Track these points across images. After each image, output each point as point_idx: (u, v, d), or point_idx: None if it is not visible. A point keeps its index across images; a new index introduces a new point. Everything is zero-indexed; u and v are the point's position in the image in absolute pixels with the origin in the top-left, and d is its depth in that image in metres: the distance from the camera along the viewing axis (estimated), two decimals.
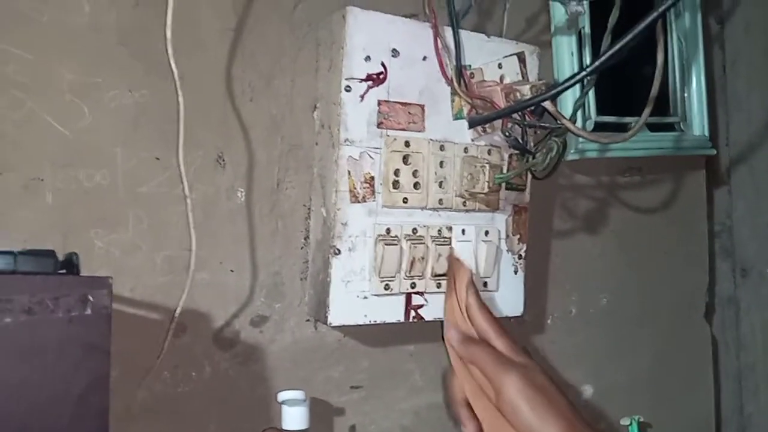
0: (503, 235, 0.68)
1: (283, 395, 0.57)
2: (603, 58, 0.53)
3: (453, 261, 0.61)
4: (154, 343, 0.57)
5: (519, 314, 0.70)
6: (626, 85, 0.91)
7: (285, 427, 0.56)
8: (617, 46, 0.54)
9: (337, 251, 0.59)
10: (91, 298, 0.42)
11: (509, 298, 0.69)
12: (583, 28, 0.78)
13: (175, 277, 0.57)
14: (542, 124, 0.60)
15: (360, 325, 0.60)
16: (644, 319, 0.88)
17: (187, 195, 0.54)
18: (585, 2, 0.72)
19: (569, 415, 0.47)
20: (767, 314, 0.94)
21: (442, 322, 0.57)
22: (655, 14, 0.52)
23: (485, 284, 0.67)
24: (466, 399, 0.53)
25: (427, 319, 0.63)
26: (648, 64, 0.68)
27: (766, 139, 0.95)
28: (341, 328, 0.65)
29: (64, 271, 0.43)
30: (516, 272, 0.69)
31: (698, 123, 0.87)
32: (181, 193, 0.56)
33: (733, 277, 0.97)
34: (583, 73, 0.55)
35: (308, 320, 0.64)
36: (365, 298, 0.60)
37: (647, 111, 0.62)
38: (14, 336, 0.39)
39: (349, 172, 0.59)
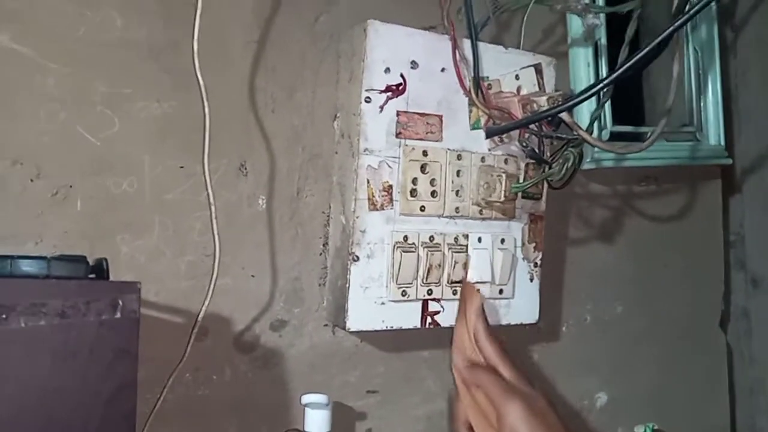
0: (519, 243, 0.69)
1: (306, 398, 0.58)
2: (620, 71, 0.54)
3: (465, 286, 0.62)
4: (178, 347, 0.58)
5: (534, 321, 0.70)
6: (642, 95, 0.91)
7: (308, 429, 0.58)
8: (634, 59, 0.55)
9: (355, 258, 0.60)
10: (121, 303, 0.43)
11: (525, 306, 0.70)
12: (600, 39, 0.78)
13: (198, 281, 0.59)
14: (558, 135, 0.61)
15: (377, 331, 0.61)
16: (659, 328, 0.88)
17: (212, 202, 0.55)
18: (602, 15, 0.73)
19: None
20: None
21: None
22: (672, 27, 0.53)
23: (501, 291, 0.68)
24: (468, 423, 0.55)
25: (443, 325, 0.64)
26: (663, 75, 0.69)
27: None
28: (359, 334, 0.67)
29: (94, 276, 0.45)
30: (532, 280, 0.70)
31: (714, 133, 0.88)
32: (204, 200, 0.58)
33: (745, 287, 0.97)
34: (600, 85, 0.56)
35: (326, 325, 0.66)
36: (383, 304, 0.61)
37: (663, 121, 0.63)
38: (48, 338, 0.41)
39: (368, 181, 0.61)
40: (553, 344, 0.80)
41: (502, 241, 0.68)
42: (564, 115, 0.61)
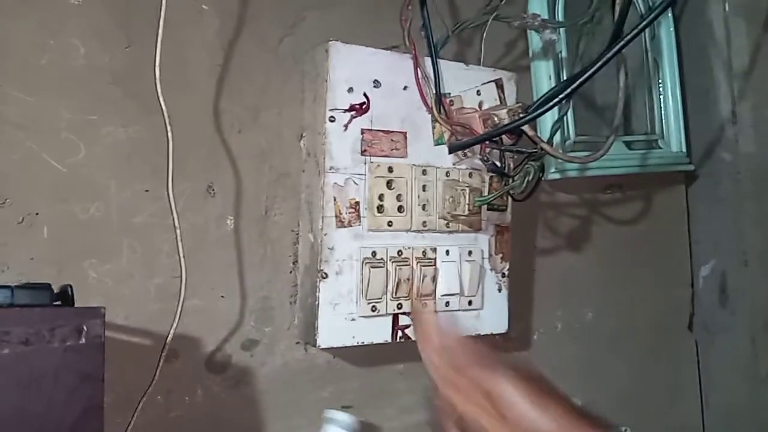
0: (486, 255, 0.70)
1: (331, 414, 0.60)
2: (572, 87, 0.56)
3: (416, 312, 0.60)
4: (148, 370, 0.58)
5: (504, 331, 0.72)
6: (606, 104, 0.94)
7: None
8: (587, 74, 0.57)
9: (324, 275, 0.61)
10: (85, 328, 0.44)
11: (494, 316, 0.71)
12: (561, 52, 0.81)
13: (167, 304, 0.59)
14: (518, 149, 0.63)
15: (348, 347, 0.62)
16: (629, 332, 0.90)
17: (177, 225, 0.56)
18: (560, 29, 0.75)
19: (567, 404, 0.45)
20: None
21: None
22: (621, 43, 0.55)
23: (470, 303, 0.69)
24: (457, 417, 0.52)
25: (414, 338, 0.65)
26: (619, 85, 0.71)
27: None
28: (331, 350, 0.67)
29: (59, 302, 0.45)
30: (500, 290, 0.72)
31: (676, 140, 0.90)
32: (176, 223, 0.58)
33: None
34: (557, 99, 0.58)
35: (298, 343, 0.66)
36: (353, 320, 0.62)
37: (615, 127, 0.66)
38: (12, 366, 0.41)
39: (334, 198, 0.62)
40: (525, 353, 0.81)
41: (470, 253, 0.69)
42: (526, 128, 0.62)
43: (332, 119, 0.62)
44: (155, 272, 0.60)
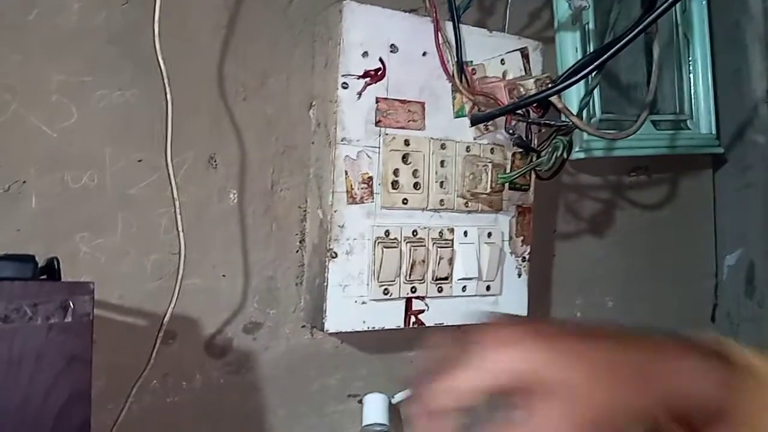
0: (506, 237, 0.66)
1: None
2: (605, 57, 0.51)
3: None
4: (144, 352, 0.54)
5: None
6: (630, 84, 0.89)
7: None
8: (622, 42, 0.52)
9: (333, 255, 0.56)
10: (72, 305, 0.39)
11: (512, 302, 0.66)
12: (588, 23, 0.76)
13: (164, 282, 0.55)
14: (547, 122, 0.58)
15: (358, 332, 0.58)
16: (650, 322, 0.86)
17: (176, 197, 0.51)
18: None
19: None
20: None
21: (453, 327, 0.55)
22: (655, 14, 0.51)
23: (488, 288, 0.64)
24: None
25: (427, 324, 0.61)
26: (650, 62, 0.67)
27: None
28: (339, 335, 0.63)
29: (44, 277, 0.41)
30: (520, 275, 0.67)
31: (705, 120, 0.85)
32: (170, 195, 0.54)
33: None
34: (591, 66, 0.53)
35: (304, 326, 0.62)
36: (363, 303, 0.58)
37: (648, 102, 0.61)
38: None
39: (346, 173, 0.57)
40: None
41: (489, 234, 0.64)
42: (554, 100, 0.58)
43: (345, 86, 0.57)
44: (152, 248, 0.55)
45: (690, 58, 0.86)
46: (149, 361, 0.52)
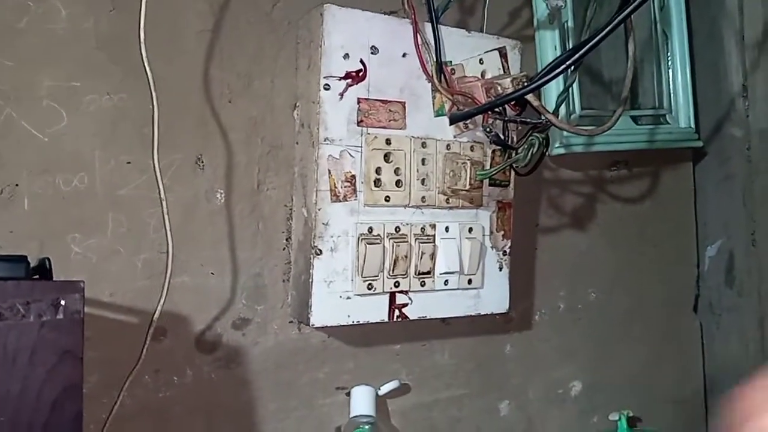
0: (487, 232, 0.68)
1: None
2: (579, 54, 0.53)
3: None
4: (135, 348, 0.56)
5: (505, 311, 0.69)
6: (612, 79, 0.91)
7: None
8: (596, 38, 0.54)
9: (318, 251, 0.58)
10: (63, 303, 0.41)
11: (494, 295, 0.68)
12: (567, 22, 0.77)
13: (155, 280, 0.57)
14: (523, 119, 0.60)
15: (343, 326, 0.60)
16: (633, 314, 0.88)
17: (163, 198, 0.53)
18: None
19: None
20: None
21: (437, 321, 0.56)
22: (625, 12, 0.52)
23: (470, 281, 0.66)
24: None
25: (411, 317, 0.63)
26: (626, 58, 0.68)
27: None
28: (325, 329, 0.65)
29: (36, 276, 0.43)
30: (501, 269, 0.69)
31: (684, 115, 0.87)
32: (162, 196, 0.56)
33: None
34: (564, 65, 0.55)
35: (292, 322, 0.64)
36: (348, 298, 0.60)
37: (624, 99, 0.63)
38: None
39: (329, 171, 0.59)
40: (527, 333, 0.79)
41: (470, 230, 0.66)
42: (530, 98, 0.59)
43: (327, 87, 0.59)
44: (142, 247, 0.57)
45: (669, 54, 0.88)
46: (140, 357, 0.54)
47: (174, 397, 0.59)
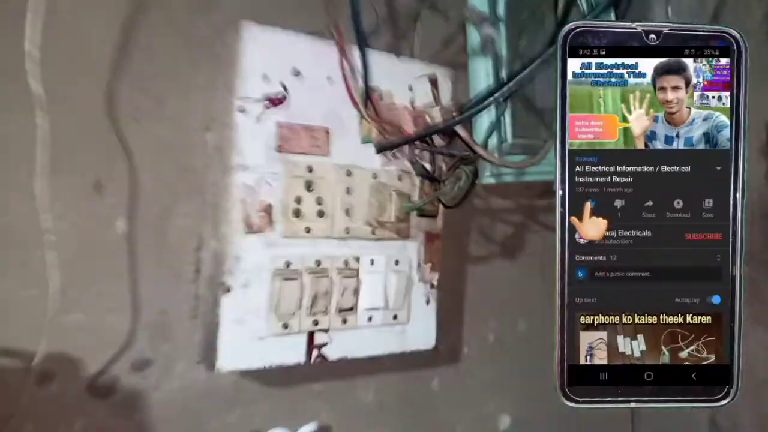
0: (415, 264, 0.65)
1: None
2: (508, 86, 0.51)
3: None
4: (15, 396, 0.50)
5: (431, 347, 0.67)
6: (547, 108, 0.90)
7: None
8: (524, 73, 0.53)
9: (227, 289, 0.54)
10: None
11: (421, 331, 0.66)
12: (501, 50, 0.76)
13: (41, 320, 0.50)
14: (451, 152, 0.58)
15: (256, 369, 0.55)
16: None
17: (48, 228, 0.47)
18: (500, 25, 0.70)
19: None
20: None
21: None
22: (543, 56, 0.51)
23: (395, 317, 0.63)
24: None
25: (331, 359, 0.59)
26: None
27: None
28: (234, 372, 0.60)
29: None
30: (428, 302, 0.66)
31: None
32: (49, 225, 0.50)
33: None
34: (489, 100, 0.53)
35: (200, 362, 0.59)
36: (261, 339, 0.55)
37: (554, 132, 0.61)
38: None
39: (243, 200, 0.55)
40: (454, 367, 0.77)
41: (397, 262, 0.63)
42: (459, 129, 0.57)
43: (242, 110, 0.54)
44: (27, 282, 0.51)
45: None
46: (17, 404, 0.47)
47: None
